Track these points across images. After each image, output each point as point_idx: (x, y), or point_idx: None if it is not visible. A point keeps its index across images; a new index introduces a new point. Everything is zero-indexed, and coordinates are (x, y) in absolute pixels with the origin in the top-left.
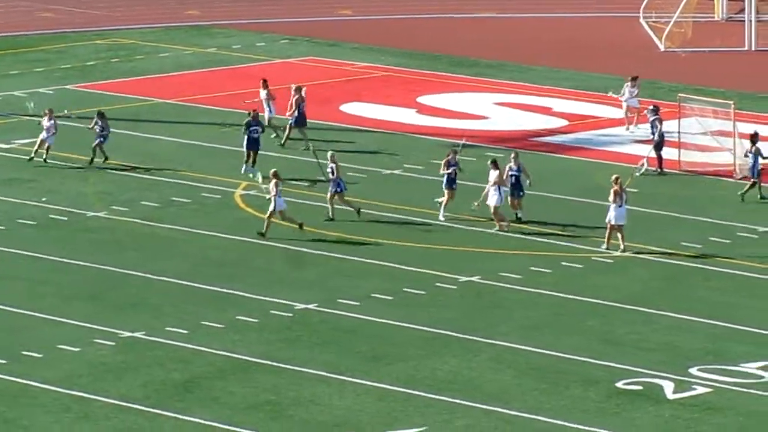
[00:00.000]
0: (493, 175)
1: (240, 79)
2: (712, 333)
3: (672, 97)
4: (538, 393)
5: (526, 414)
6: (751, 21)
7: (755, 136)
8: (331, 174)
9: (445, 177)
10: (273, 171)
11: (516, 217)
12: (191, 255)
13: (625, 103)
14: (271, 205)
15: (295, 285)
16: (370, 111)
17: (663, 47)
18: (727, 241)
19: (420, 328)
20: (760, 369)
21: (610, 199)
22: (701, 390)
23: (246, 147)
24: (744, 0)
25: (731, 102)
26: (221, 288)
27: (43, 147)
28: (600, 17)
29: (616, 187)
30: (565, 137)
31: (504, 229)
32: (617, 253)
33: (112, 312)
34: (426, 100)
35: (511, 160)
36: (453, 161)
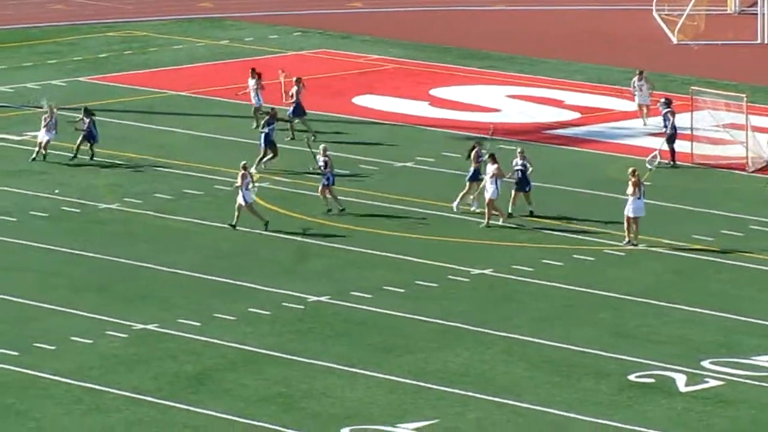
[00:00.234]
0: (491, 168)
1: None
2: (724, 326)
3: (685, 90)
4: (550, 386)
5: (538, 407)
6: (764, 14)
7: None
8: (324, 167)
9: (472, 169)
10: (243, 164)
11: (529, 212)
12: (203, 247)
13: (639, 101)
14: (239, 198)
15: (308, 277)
16: (382, 103)
17: (676, 40)
18: (740, 234)
19: (432, 320)
20: None
21: (628, 192)
22: (713, 383)
23: (263, 144)
24: None
25: (744, 95)
26: (233, 280)
27: (44, 147)
28: (613, 10)
29: (633, 180)
30: (578, 130)
31: (489, 222)
32: (630, 246)
33: (123, 304)
34: (438, 92)
35: (517, 155)
36: (480, 153)
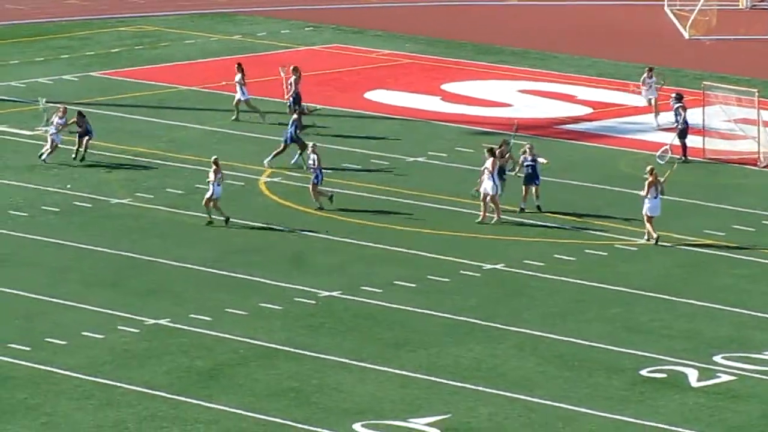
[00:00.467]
0: (488, 163)
1: (265, 66)
2: (736, 321)
3: (696, 85)
4: (561, 381)
5: (549, 402)
6: None
7: None
8: (313, 164)
9: (497, 168)
10: (214, 158)
11: (537, 207)
12: (215, 242)
13: (650, 97)
14: (208, 192)
15: (319, 272)
16: (394, 98)
17: (688, 35)
18: (752, 229)
19: (443, 315)
20: None
21: (644, 192)
22: (725, 378)
23: (288, 140)
24: None
25: (756, 90)
26: (245, 275)
27: (54, 147)
28: (625, 5)
29: (650, 179)
30: (589, 125)
31: (486, 221)
32: (641, 242)
33: (135, 299)
34: (450, 87)
35: (527, 150)
36: (506, 152)
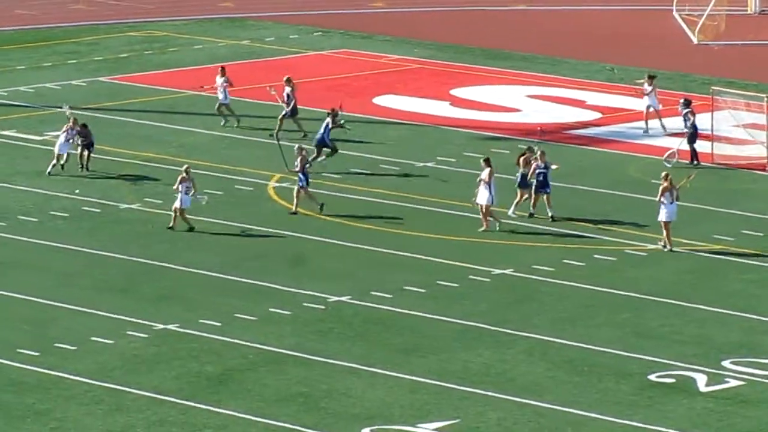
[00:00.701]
0: (485, 173)
1: (273, 71)
2: (745, 326)
3: (705, 90)
4: (571, 386)
5: (559, 407)
6: None
7: None
8: (300, 168)
9: (519, 175)
10: (185, 167)
11: (550, 218)
12: (225, 247)
13: (651, 105)
14: (177, 201)
15: (328, 277)
16: (403, 103)
17: (696, 40)
18: (761, 234)
19: (453, 320)
20: None
21: (659, 197)
22: (734, 383)
23: (319, 143)
24: None
25: (764, 95)
26: (254, 280)
27: (62, 160)
28: (633, 10)
29: (665, 185)
30: (599, 130)
31: (489, 228)
32: (651, 247)
33: (145, 304)
34: (459, 92)
35: (538, 158)
36: (531, 158)
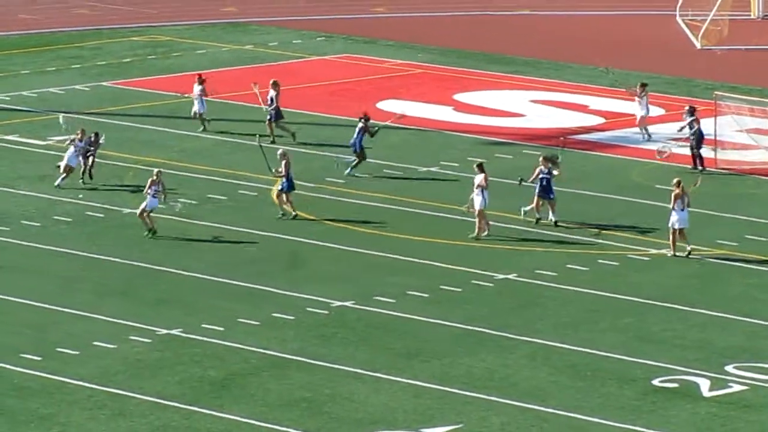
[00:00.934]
0: (479, 179)
1: (276, 76)
2: (748, 331)
3: (708, 95)
4: (574, 391)
5: (562, 412)
6: None
7: None
8: (283, 172)
9: (539, 184)
10: (156, 171)
11: (553, 222)
12: (227, 252)
13: (641, 113)
14: (144, 203)
15: (331, 282)
16: (406, 108)
17: (699, 45)
18: (764, 239)
19: (456, 325)
20: None
21: (672, 204)
22: (737, 388)
23: (357, 149)
24: None
25: None
26: (257, 285)
27: (69, 171)
28: (637, 15)
29: (677, 191)
30: (602, 135)
31: (482, 235)
32: (653, 251)
33: (147, 309)
34: (462, 97)
35: (540, 162)
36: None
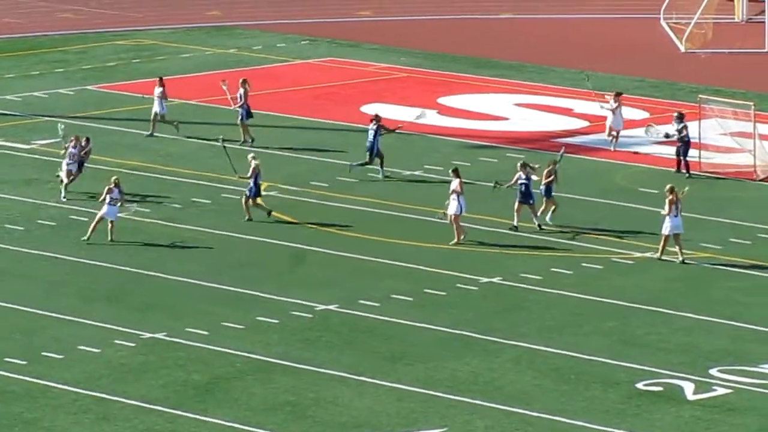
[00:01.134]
0: (454, 184)
1: (261, 80)
2: (732, 334)
3: (692, 99)
4: (558, 394)
5: (546, 415)
6: None
7: None
8: (251, 176)
9: (544, 187)
10: (114, 178)
11: (537, 226)
12: (212, 256)
13: (610, 124)
14: (101, 211)
15: (316, 286)
16: (390, 112)
17: (683, 48)
18: (748, 242)
19: (440, 329)
20: None
21: (664, 211)
22: (721, 391)
23: (374, 151)
24: (764, 1)
25: (751, 103)
26: (242, 289)
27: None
28: (620, 18)
29: (671, 197)
30: (586, 138)
31: (461, 239)
32: (637, 255)
33: (132, 313)
34: (446, 101)
35: (519, 168)
36: (552, 172)
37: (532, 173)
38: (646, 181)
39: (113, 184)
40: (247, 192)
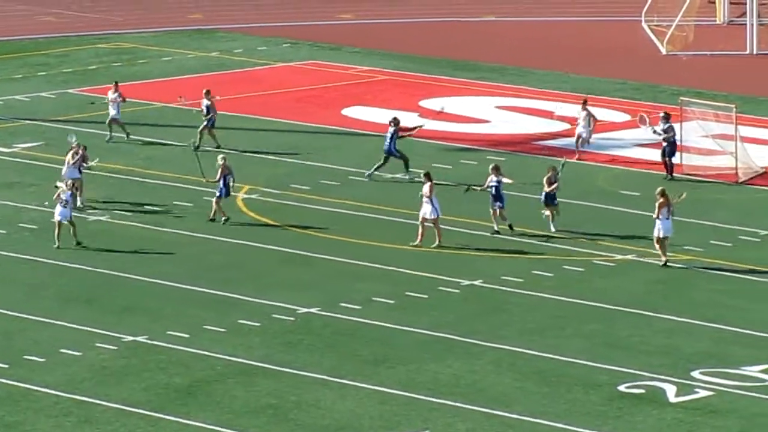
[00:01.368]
0: (425, 188)
1: (242, 83)
2: (714, 336)
3: (674, 101)
4: (540, 396)
5: (528, 417)
6: (753, 24)
7: None
8: (220, 179)
9: (544, 194)
10: (69, 181)
11: (509, 227)
12: (193, 259)
13: (578, 131)
14: (56, 214)
15: (297, 289)
16: (371, 115)
17: (665, 51)
18: (729, 245)
19: (422, 331)
20: (762, 372)
21: (657, 214)
22: (703, 393)
23: (391, 153)
24: (746, 4)
25: (733, 105)
26: (223, 292)
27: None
28: (602, 21)
29: (662, 200)
30: (567, 141)
31: (421, 243)
32: (619, 257)
33: (113, 316)
34: (428, 103)
35: (492, 171)
36: (553, 179)
37: (503, 177)
38: (627, 184)
39: (65, 186)
40: (218, 192)
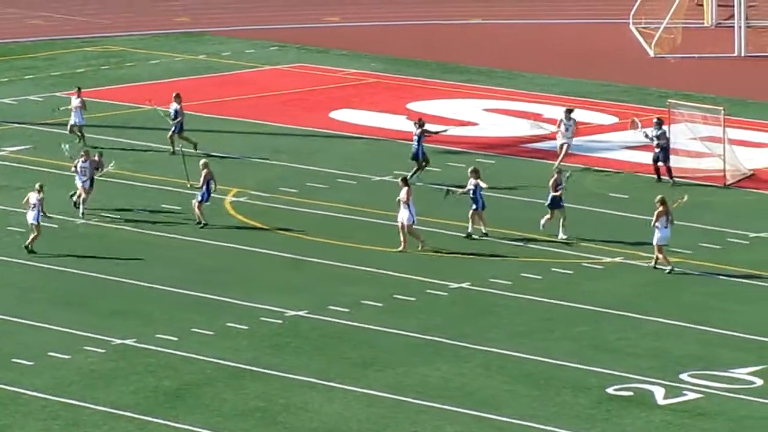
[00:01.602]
0: (402, 193)
1: (230, 86)
2: (702, 339)
3: (662, 104)
4: (528, 399)
5: (516, 420)
6: (741, 27)
7: None
8: (203, 183)
9: (550, 197)
10: (39, 184)
11: (482, 232)
12: (181, 262)
13: (560, 141)
14: (30, 217)
15: (285, 292)
16: (359, 117)
17: (653, 53)
18: (717, 247)
19: (410, 334)
20: (750, 375)
21: (654, 222)
22: (692, 396)
23: (419, 156)
24: (733, 6)
25: (721, 108)
26: (211, 295)
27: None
28: (590, 23)
29: (661, 208)
30: (556, 143)
31: (405, 249)
32: (607, 260)
33: (102, 319)
34: (415, 106)
35: (469, 174)
36: (559, 181)
37: (480, 180)
38: (616, 186)
39: (36, 190)
40: (200, 197)
